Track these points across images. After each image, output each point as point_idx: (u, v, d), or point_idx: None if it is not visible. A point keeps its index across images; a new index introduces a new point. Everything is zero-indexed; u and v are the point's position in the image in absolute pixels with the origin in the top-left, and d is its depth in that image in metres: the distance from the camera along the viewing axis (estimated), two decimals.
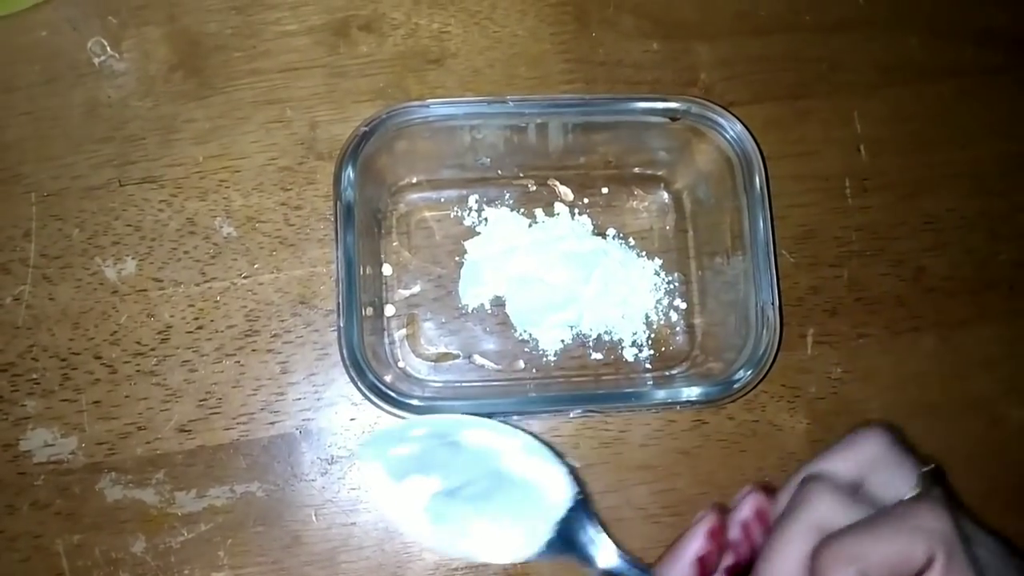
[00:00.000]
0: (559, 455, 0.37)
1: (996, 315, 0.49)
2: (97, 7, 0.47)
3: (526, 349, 0.45)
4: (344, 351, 0.38)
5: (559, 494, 0.35)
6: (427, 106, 0.40)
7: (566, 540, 0.34)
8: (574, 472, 0.36)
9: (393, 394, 0.39)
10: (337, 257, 0.39)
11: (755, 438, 0.46)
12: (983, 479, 0.47)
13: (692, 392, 0.40)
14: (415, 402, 0.39)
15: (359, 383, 0.38)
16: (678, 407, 0.41)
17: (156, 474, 0.43)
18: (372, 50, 0.48)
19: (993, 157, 0.50)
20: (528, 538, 0.34)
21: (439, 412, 0.39)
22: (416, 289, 0.46)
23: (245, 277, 0.45)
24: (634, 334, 0.46)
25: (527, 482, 0.35)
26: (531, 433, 0.37)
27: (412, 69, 0.48)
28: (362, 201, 0.42)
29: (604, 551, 0.34)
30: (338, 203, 0.39)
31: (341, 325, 0.38)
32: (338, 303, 0.39)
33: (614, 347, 0.46)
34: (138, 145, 0.46)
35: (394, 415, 0.39)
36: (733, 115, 0.42)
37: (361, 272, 0.41)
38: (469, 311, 0.45)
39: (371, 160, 0.41)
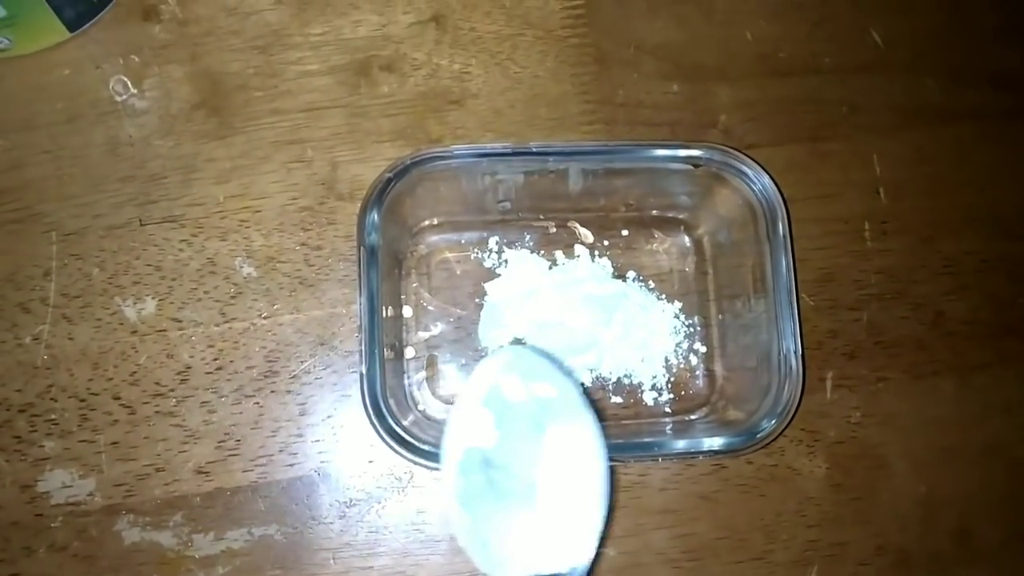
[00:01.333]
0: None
1: (1016, 359, 0.49)
2: (120, 45, 0.47)
3: None
4: (366, 398, 0.38)
5: (577, 553, 0.32)
6: (451, 153, 0.40)
7: None
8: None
9: (413, 441, 0.38)
10: (360, 302, 0.39)
11: (774, 483, 0.46)
12: (1003, 524, 0.47)
13: (714, 442, 0.40)
14: (435, 450, 0.39)
15: (380, 430, 0.38)
16: (700, 457, 0.41)
17: (174, 516, 0.43)
18: (393, 90, 0.48)
19: (1012, 200, 0.50)
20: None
21: None
22: (436, 331, 0.45)
23: (265, 317, 0.45)
24: (654, 378, 0.46)
25: (558, 517, 0.32)
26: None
27: (433, 110, 0.48)
28: (384, 243, 0.42)
29: None
30: (361, 248, 0.39)
31: (363, 371, 0.38)
32: (361, 349, 0.38)
33: (634, 391, 0.46)
34: (159, 184, 0.46)
35: (413, 462, 0.39)
36: (757, 163, 0.42)
37: (382, 314, 0.41)
38: (489, 353, 0.45)
39: (394, 203, 0.41)
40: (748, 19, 0.50)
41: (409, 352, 0.45)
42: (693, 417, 0.45)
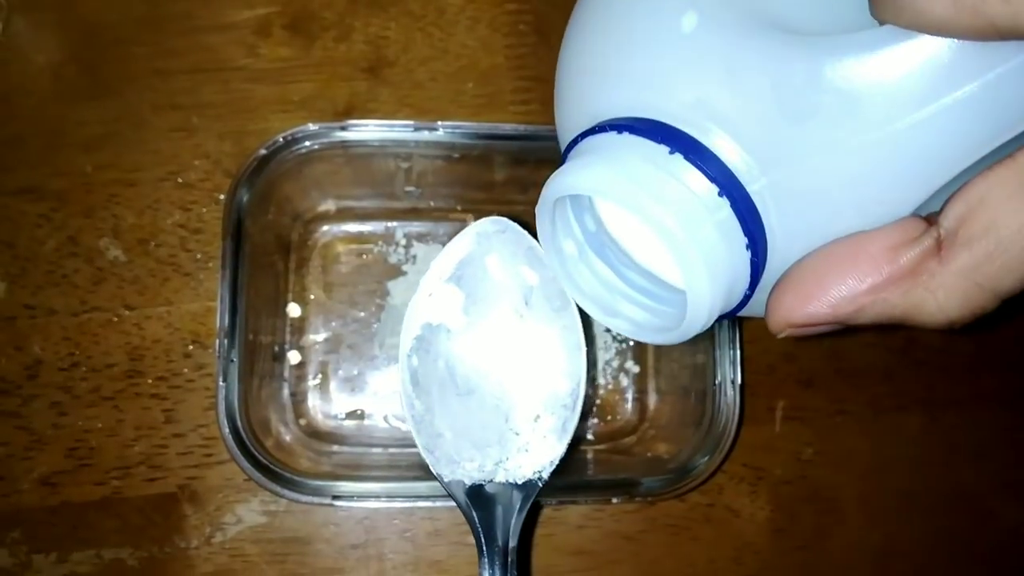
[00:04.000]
0: None
1: (991, 396, 0.43)
2: None
3: None
4: (221, 414, 0.32)
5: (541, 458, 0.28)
6: (340, 128, 0.34)
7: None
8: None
9: (279, 470, 0.33)
10: (220, 297, 0.33)
11: (709, 525, 0.41)
12: None
13: (636, 484, 0.34)
14: (306, 480, 0.33)
15: (235, 450, 0.33)
16: (615, 500, 0.35)
17: (11, 532, 0.38)
18: (297, 53, 0.41)
19: None
20: None
21: (333, 495, 0.33)
22: (327, 334, 0.40)
23: (131, 309, 0.39)
24: None
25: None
26: None
27: (342, 78, 0.41)
28: (263, 231, 0.36)
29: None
30: (227, 238, 0.33)
31: (219, 382, 0.32)
32: (217, 354, 0.33)
33: None
34: (16, 149, 0.40)
35: (272, 491, 0.33)
36: None
37: (259, 313, 0.36)
38: (388, 362, 0.39)
39: (275, 185, 0.35)
40: None
41: (294, 357, 0.39)
42: (619, 447, 0.40)
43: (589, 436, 0.40)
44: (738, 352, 0.35)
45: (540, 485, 0.29)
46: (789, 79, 0.19)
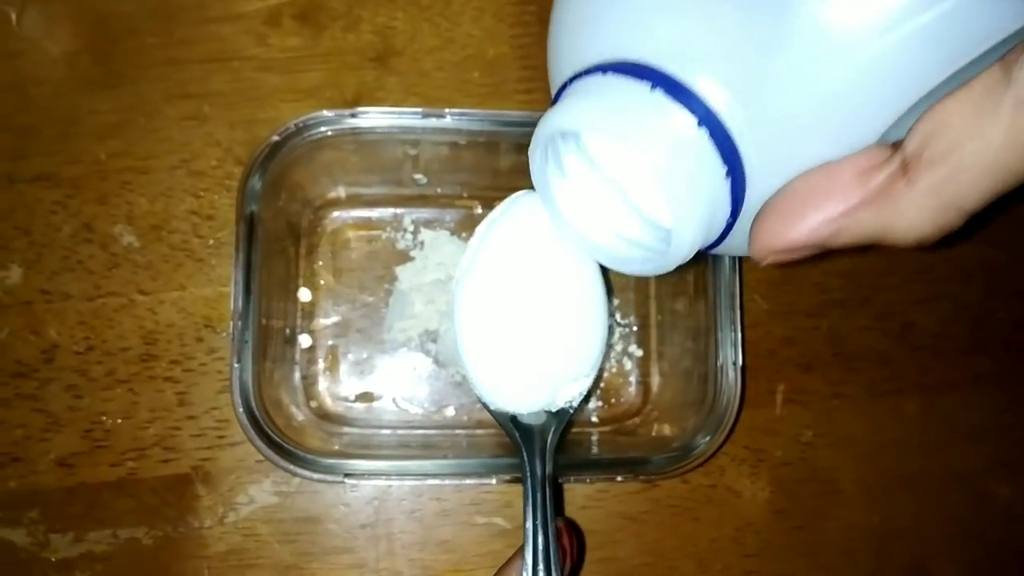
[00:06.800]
0: None
1: (988, 380, 0.44)
2: None
3: (457, 394, 0.40)
4: (236, 395, 0.33)
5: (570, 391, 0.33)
6: (350, 115, 0.35)
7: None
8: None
9: (292, 448, 0.34)
10: (235, 281, 0.34)
11: (710, 505, 0.41)
12: (962, 563, 0.43)
13: (639, 463, 0.35)
14: (320, 458, 0.34)
15: (251, 431, 0.33)
16: (619, 479, 0.36)
17: (29, 512, 0.38)
18: (306, 43, 0.42)
19: (995, 202, 0.45)
20: None
21: (345, 472, 0.34)
22: (337, 318, 0.40)
23: (145, 294, 0.40)
24: None
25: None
26: None
27: (350, 67, 0.42)
28: (275, 217, 0.37)
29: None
30: (241, 222, 0.34)
31: (234, 363, 0.33)
32: (232, 336, 0.33)
33: None
34: (32, 137, 0.40)
35: (287, 471, 0.34)
36: None
37: (271, 297, 0.36)
38: (396, 346, 0.40)
39: (287, 171, 0.36)
40: None
41: (305, 341, 0.40)
42: (622, 428, 0.41)
43: (594, 419, 0.41)
44: (739, 335, 0.35)
45: (571, 412, 0.33)
46: (759, 13, 0.20)
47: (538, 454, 0.32)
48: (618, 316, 0.41)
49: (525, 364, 0.32)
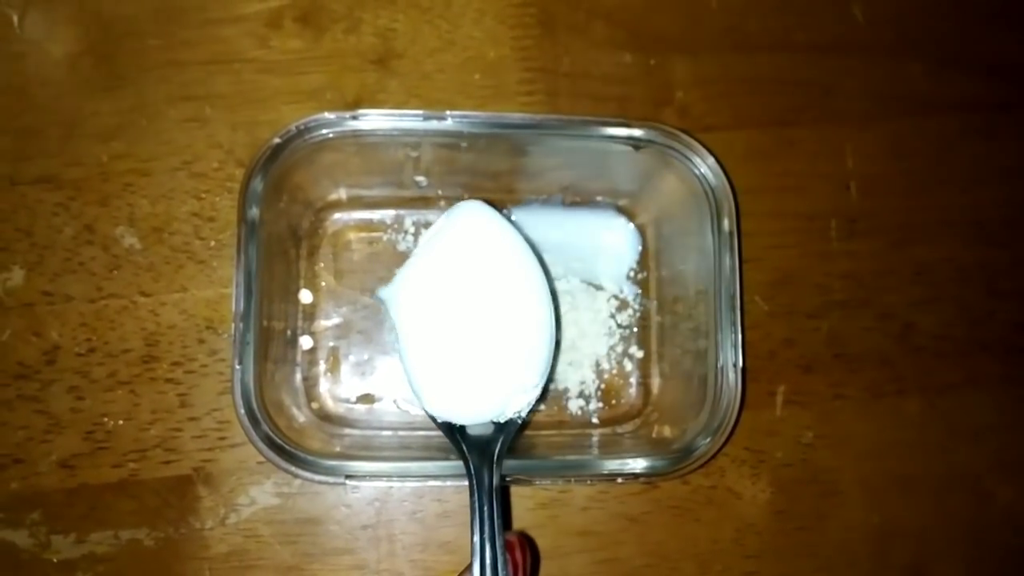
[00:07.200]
0: None
1: (988, 381, 0.44)
2: None
3: None
4: (237, 396, 0.33)
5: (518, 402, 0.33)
6: (351, 117, 0.35)
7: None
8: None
9: (293, 450, 0.34)
10: (236, 283, 0.34)
11: (711, 506, 0.41)
12: (962, 564, 0.43)
13: (640, 464, 0.35)
14: (321, 460, 0.34)
15: (253, 435, 0.33)
16: (619, 480, 0.36)
17: (31, 514, 0.38)
18: (308, 45, 0.42)
19: (996, 203, 0.45)
20: None
21: (346, 474, 0.34)
22: (338, 320, 0.40)
23: (146, 295, 0.40)
24: (582, 384, 0.41)
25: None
26: None
27: (351, 69, 0.42)
28: (276, 218, 0.37)
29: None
30: (242, 224, 0.34)
31: (236, 365, 0.33)
32: (234, 338, 0.33)
33: (558, 398, 0.41)
34: (34, 139, 0.40)
35: (288, 472, 0.34)
36: (704, 146, 0.36)
37: (272, 299, 0.37)
38: (397, 349, 0.40)
39: (288, 173, 0.36)
40: None
41: (307, 342, 0.40)
42: (623, 430, 0.41)
43: (594, 420, 0.41)
44: (740, 336, 0.36)
45: (519, 423, 0.33)
46: None
47: (485, 466, 0.31)
48: (619, 317, 0.41)
49: (470, 375, 0.32)
